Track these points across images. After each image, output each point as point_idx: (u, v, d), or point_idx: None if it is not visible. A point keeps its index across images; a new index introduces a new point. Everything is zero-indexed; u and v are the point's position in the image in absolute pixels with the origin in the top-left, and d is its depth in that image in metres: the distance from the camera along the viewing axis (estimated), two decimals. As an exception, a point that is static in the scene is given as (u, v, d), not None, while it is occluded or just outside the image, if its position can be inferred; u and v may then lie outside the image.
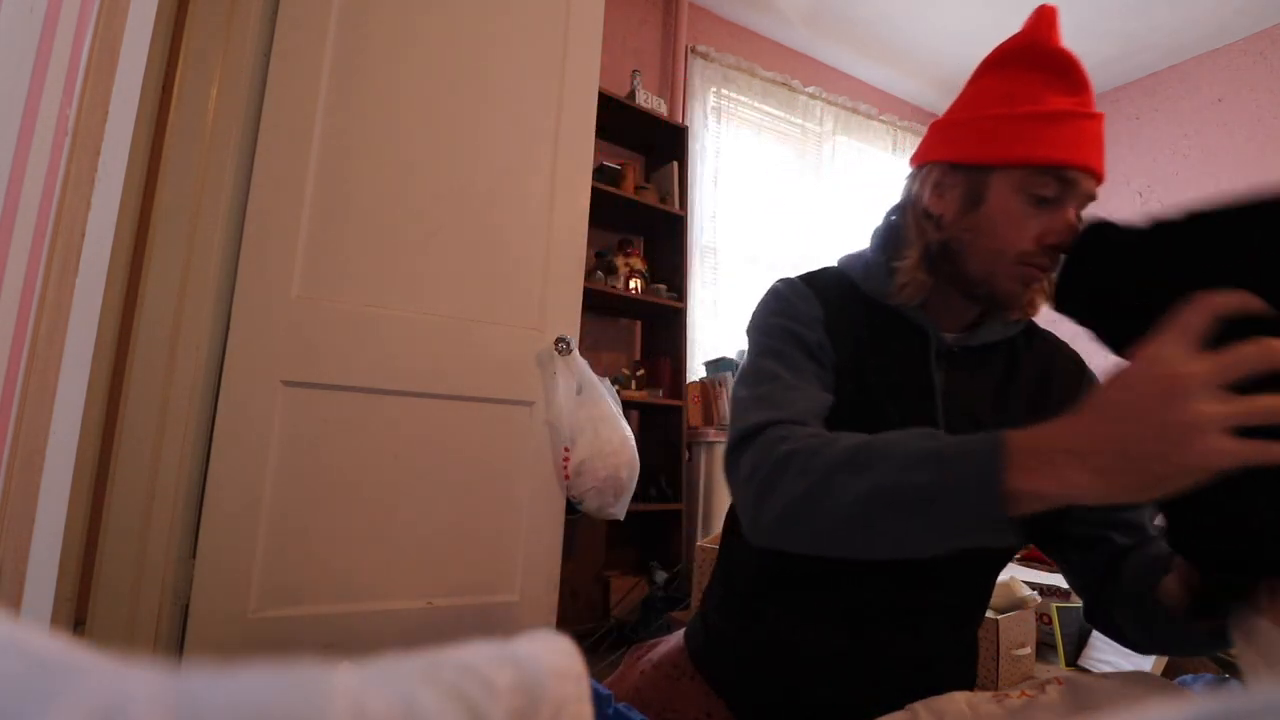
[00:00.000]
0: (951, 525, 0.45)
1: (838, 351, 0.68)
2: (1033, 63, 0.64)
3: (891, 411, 0.66)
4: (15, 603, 0.63)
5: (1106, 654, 1.45)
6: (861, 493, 0.48)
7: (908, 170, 0.74)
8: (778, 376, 0.64)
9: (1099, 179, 0.62)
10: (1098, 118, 0.62)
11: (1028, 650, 1.31)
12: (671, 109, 2.88)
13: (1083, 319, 0.51)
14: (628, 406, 2.27)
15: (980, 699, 0.59)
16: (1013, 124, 0.62)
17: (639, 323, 2.85)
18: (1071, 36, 0.69)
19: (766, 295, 0.74)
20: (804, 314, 0.69)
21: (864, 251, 0.76)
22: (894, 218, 0.74)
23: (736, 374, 0.73)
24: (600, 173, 2.43)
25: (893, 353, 0.69)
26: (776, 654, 0.70)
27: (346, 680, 0.15)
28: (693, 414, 2.64)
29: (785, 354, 0.66)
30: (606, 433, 1.38)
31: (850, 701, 0.66)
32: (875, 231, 0.77)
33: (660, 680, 0.76)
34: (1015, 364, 0.73)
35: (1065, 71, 0.63)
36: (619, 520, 1.47)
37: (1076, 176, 0.60)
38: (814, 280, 0.74)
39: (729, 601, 0.76)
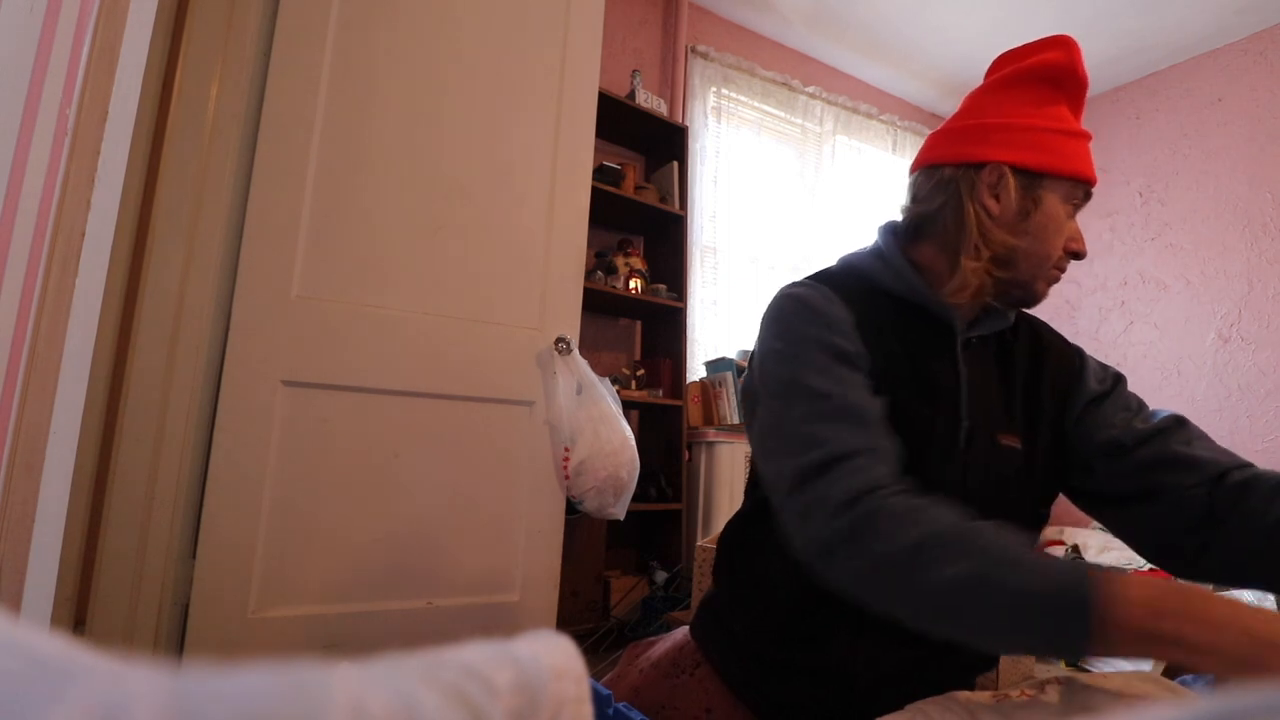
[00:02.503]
0: (1035, 639, 0.49)
1: (871, 353, 0.67)
2: (1067, 85, 0.71)
3: (919, 405, 0.67)
4: (15, 603, 0.63)
5: (1106, 654, 1.44)
6: (960, 580, 0.49)
7: (951, 165, 0.72)
8: (829, 395, 0.61)
9: None
10: (1091, 138, 0.72)
11: (1028, 650, 1.31)
12: (671, 109, 2.88)
13: None
14: (628, 406, 2.27)
15: (980, 699, 0.59)
16: (1064, 139, 0.69)
17: (639, 323, 2.85)
18: (1073, 36, 0.71)
19: (787, 303, 0.70)
20: (836, 320, 0.67)
21: (876, 248, 0.76)
22: (934, 216, 0.72)
23: (766, 387, 0.66)
24: (600, 173, 2.43)
25: (919, 347, 0.70)
26: (833, 676, 0.67)
27: (346, 680, 0.15)
28: (693, 414, 2.64)
29: (830, 370, 0.63)
30: (606, 433, 1.38)
31: (879, 705, 0.63)
32: (889, 228, 0.77)
33: (660, 679, 0.76)
34: (1008, 350, 0.76)
35: (1082, 97, 0.72)
36: (619, 520, 1.47)
37: (1091, 191, 0.71)
38: (833, 281, 0.73)
39: (767, 622, 0.71)
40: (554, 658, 0.20)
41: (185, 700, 0.13)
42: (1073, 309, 3.56)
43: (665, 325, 2.71)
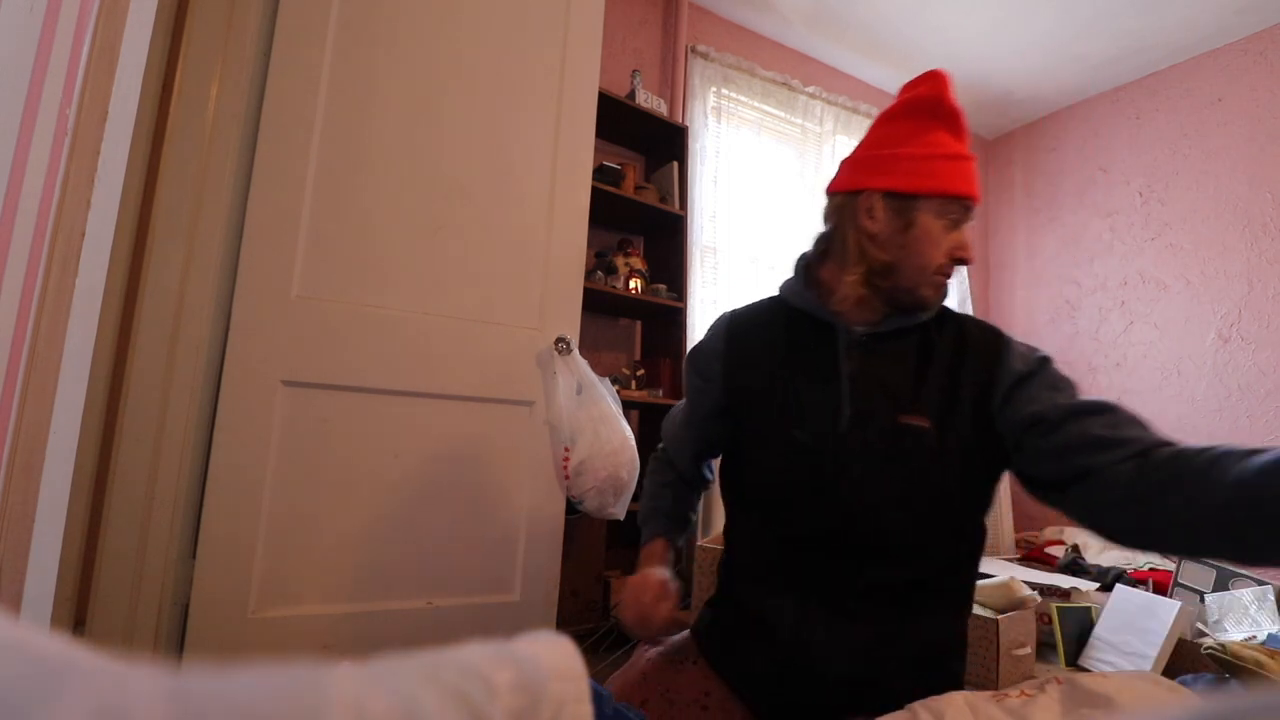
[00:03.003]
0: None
1: (740, 371, 0.89)
2: (936, 114, 0.81)
3: (807, 396, 0.82)
4: (15, 603, 0.63)
5: (1106, 654, 1.45)
6: (640, 509, 1.03)
7: (842, 193, 0.85)
8: (682, 408, 1.02)
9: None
10: (975, 159, 0.82)
11: (1028, 650, 1.31)
12: (671, 109, 2.88)
13: None
14: (628, 406, 2.27)
15: (980, 699, 0.59)
16: (935, 163, 0.79)
17: (639, 323, 2.85)
18: (1072, 37, 0.72)
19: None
20: (704, 354, 0.94)
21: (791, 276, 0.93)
22: (830, 237, 0.86)
23: None
24: (600, 173, 2.43)
25: (809, 349, 0.85)
26: (795, 658, 0.78)
27: (346, 680, 0.15)
28: (693, 414, 2.63)
29: (689, 391, 0.99)
30: (606, 433, 1.38)
31: (842, 683, 0.75)
32: (800, 256, 0.91)
33: (665, 665, 0.86)
34: (930, 344, 0.83)
35: (958, 122, 0.81)
36: (619, 520, 1.47)
37: (972, 204, 0.79)
38: (738, 313, 0.95)
39: (729, 596, 0.90)
40: (554, 658, 0.20)
41: (185, 700, 0.13)
42: (1073, 309, 3.56)
43: (665, 325, 2.71)
